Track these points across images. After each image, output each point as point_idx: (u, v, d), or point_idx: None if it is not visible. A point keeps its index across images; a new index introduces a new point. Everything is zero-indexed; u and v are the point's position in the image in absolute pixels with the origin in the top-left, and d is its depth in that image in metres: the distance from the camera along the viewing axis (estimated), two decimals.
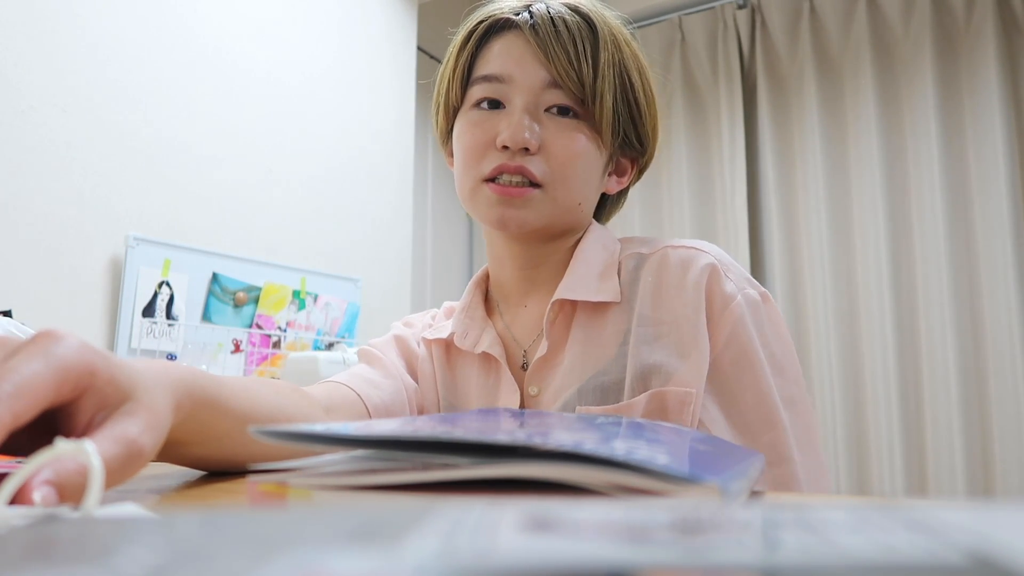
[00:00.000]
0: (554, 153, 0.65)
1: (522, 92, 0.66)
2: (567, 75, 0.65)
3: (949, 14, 2.47)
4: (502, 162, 0.65)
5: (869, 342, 2.46)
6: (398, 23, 2.51)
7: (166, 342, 1.70)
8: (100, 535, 0.16)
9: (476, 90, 0.68)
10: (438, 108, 0.74)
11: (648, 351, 0.63)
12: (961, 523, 0.15)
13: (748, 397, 0.62)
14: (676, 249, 0.67)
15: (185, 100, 1.80)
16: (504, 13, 0.68)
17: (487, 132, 0.66)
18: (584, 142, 0.66)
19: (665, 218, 2.86)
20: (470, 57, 0.70)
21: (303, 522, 0.17)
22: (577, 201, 0.68)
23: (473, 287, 0.77)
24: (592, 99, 0.66)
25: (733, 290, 0.64)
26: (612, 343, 0.65)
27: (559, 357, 0.67)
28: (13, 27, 1.47)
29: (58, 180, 1.53)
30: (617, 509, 0.17)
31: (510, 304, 0.74)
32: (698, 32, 2.85)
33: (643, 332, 0.64)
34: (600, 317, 0.67)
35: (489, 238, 0.74)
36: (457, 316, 0.75)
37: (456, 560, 0.13)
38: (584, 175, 0.67)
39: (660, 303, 0.65)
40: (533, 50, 0.66)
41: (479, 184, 0.67)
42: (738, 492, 0.30)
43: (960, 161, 2.40)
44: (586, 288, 0.67)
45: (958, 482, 2.25)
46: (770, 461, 0.60)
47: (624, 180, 0.74)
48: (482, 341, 0.71)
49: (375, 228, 2.35)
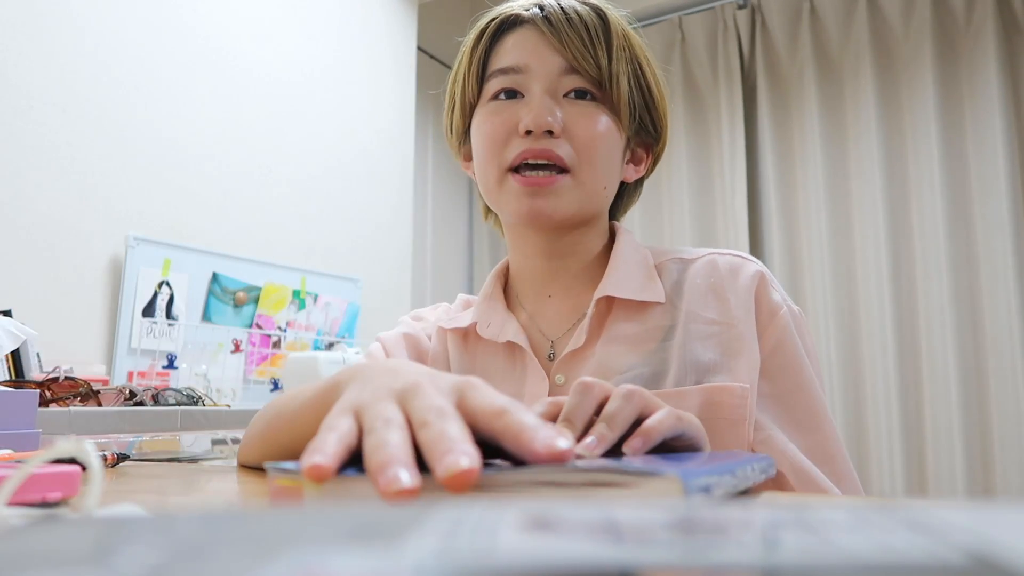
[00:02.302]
0: (577, 135, 0.66)
1: (540, 79, 0.67)
2: (583, 58, 0.66)
3: (949, 14, 2.47)
4: (526, 147, 0.65)
5: (869, 342, 2.46)
6: (398, 23, 2.51)
7: (166, 342, 1.70)
8: (100, 535, 0.16)
9: (493, 83, 0.69)
10: (453, 108, 0.75)
11: (701, 348, 0.65)
12: (961, 523, 0.15)
13: (798, 400, 0.65)
14: (723, 256, 0.70)
15: (185, 100, 1.80)
16: (515, 10, 0.70)
17: (508, 120, 0.67)
18: (606, 123, 0.67)
19: (665, 218, 2.86)
20: (484, 54, 0.71)
21: (303, 522, 0.17)
22: (603, 185, 0.69)
23: (494, 278, 0.77)
24: (609, 81, 0.67)
25: (780, 300, 0.67)
26: (651, 339, 0.67)
27: (591, 350, 0.68)
28: (13, 27, 1.47)
29: (58, 180, 1.53)
30: (617, 509, 0.17)
31: (532, 295, 0.75)
32: (698, 32, 2.85)
33: (694, 329, 0.66)
34: (638, 315, 0.68)
35: (512, 230, 0.74)
36: (479, 305, 0.76)
37: (456, 560, 0.13)
38: (608, 157, 0.68)
39: (712, 304, 0.67)
40: (547, 39, 0.67)
41: (504, 175, 0.67)
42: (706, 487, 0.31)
43: (960, 161, 2.40)
44: (631, 287, 0.68)
45: (958, 482, 2.25)
46: (818, 459, 0.63)
47: (641, 168, 0.75)
48: (506, 330, 0.72)
49: (375, 228, 2.35)
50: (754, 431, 0.63)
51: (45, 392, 1.04)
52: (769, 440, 0.62)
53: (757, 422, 0.63)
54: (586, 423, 0.41)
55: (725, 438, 0.61)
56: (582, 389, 0.43)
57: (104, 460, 0.59)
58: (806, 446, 0.63)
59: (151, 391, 1.17)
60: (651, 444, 0.41)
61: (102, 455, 0.58)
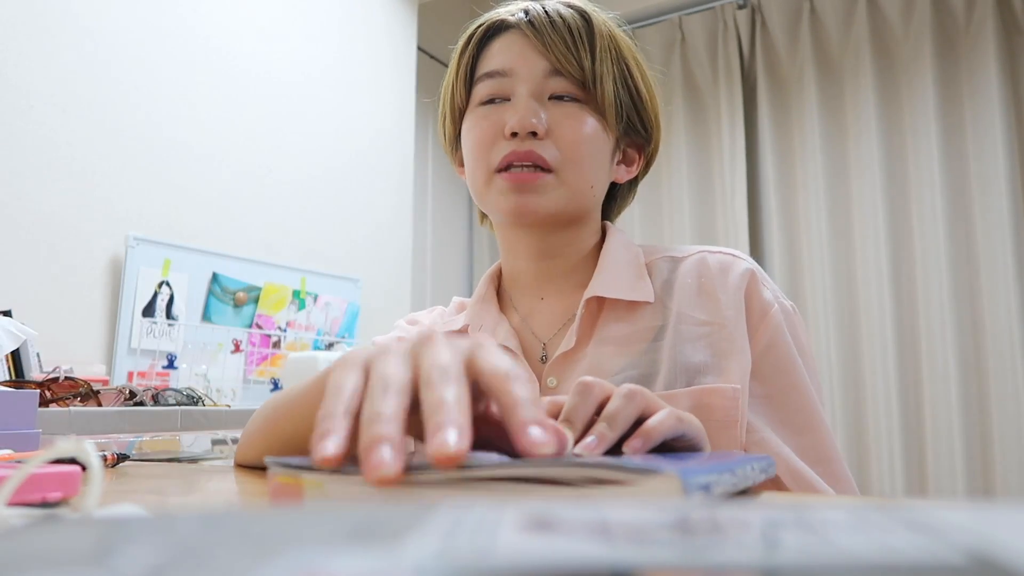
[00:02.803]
0: (562, 135, 0.67)
1: (525, 82, 0.68)
2: (567, 61, 0.67)
3: (949, 14, 2.47)
4: (512, 149, 0.66)
5: (869, 342, 2.46)
6: (398, 23, 2.51)
7: (166, 342, 1.70)
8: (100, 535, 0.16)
9: (480, 88, 0.70)
10: (444, 116, 0.76)
11: (691, 349, 0.65)
12: (961, 523, 0.15)
13: (790, 400, 0.65)
14: (713, 254, 0.70)
15: (185, 100, 1.80)
16: (501, 16, 0.71)
17: (494, 124, 0.68)
18: (591, 123, 0.68)
19: (665, 218, 2.86)
20: (471, 59, 0.72)
21: (303, 522, 0.17)
22: (589, 184, 0.69)
23: (487, 280, 0.78)
24: (593, 82, 0.67)
25: (771, 298, 0.67)
26: (641, 340, 0.67)
27: (582, 352, 0.68)
28: (13, 27, 1.47)
29: (58, 180, 1.53)
30: (617, 509, 0.17)
31: (525, 297, 0.75)
32: (698, 32, 2.85)
33: (684, 330, 0.66)
34: (629, 315, 0.68)
35: (502, 231, 0.75)
36: (471, 308, 0.76)
37: (456, 560, 0.13)
38: (593, 157, 0.69)
39: (701, 304, 0.67)
40: (532, 43, 0.68)
41: (491, 176, 0.68)
42: (705, 486, 0.31)
43: (960, 161, 2.40)
44: (619, 287, 0.68)
45: (958, 482, 2.25)
46: (812, 460, 0.63)
47: (633, 169, 0.76)
48: (497, 333, 0.72)
49: (375, 228, 2.35)
50: (747, 433, 0.62)
51: (45, 392, 1.04)
52: (763, 442, 0.62)
53: (750, 424, 0.63)
54: (587, 423, 0.42)
55: (717, 441, 0.61)
56: (583, 389, 0.43)
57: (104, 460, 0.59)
58: (800, 447, 0.63)
59: (151, 391, 1.17)
60: (651, 444, 0.41)
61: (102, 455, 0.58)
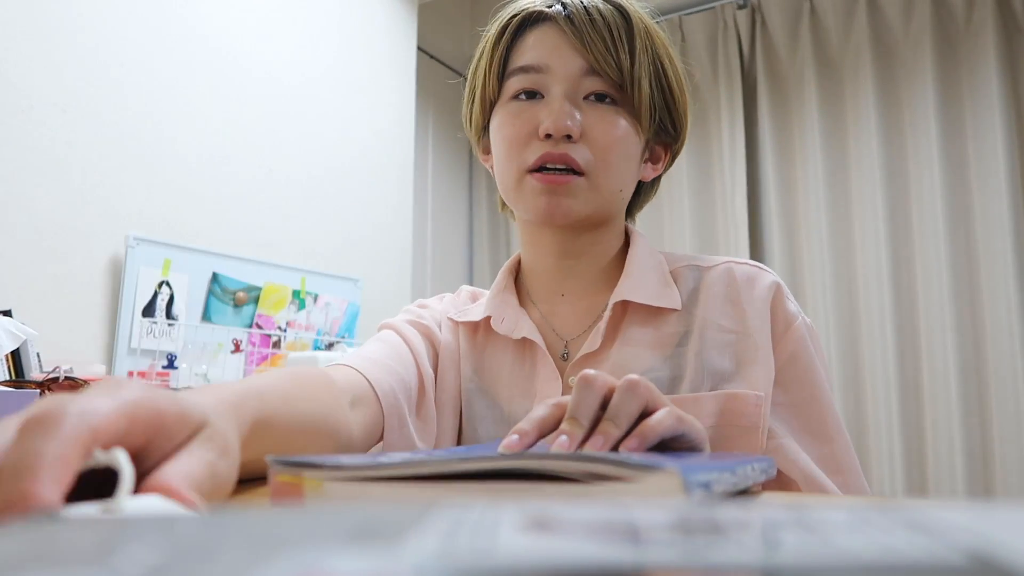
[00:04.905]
0: (595, 139, 0.66)
1: (560, 81, 0.66)
2: (605, 62, 0.66)
3: (949, 14, 2.48)
4: (546, 151, 0.65)
5: (869, 342, 2.47)
6: (398, 23, 2.51)
7: (166, 342, 1.70)
8: (100, 535, 0.16)
9: (513, 82, 0.69)
10: (472, 101, 0.75)
11: (717, 355, 0.65)
12: (961, 523, 0.15)
13: (812, 410, 0.65)
14: (740, 265, 0.70)
15: (185, 100, 1.80)
16: (537, 6, 0.69)
17: (528, 122, 0.67)
18: (624, 127, 0.67)
19: (665, 218, 2.86)
20: (505, 51, 0.70)
21: (303, 522, 0.17)
22: (618, 187, 0.69)
23: (507, 273, 0.77)
24: (630, 85, 0.66)
25: (795, 311, 0.68)
26: (665, 345, 0.67)
27: (606, 354, 0.68)
28: (13, 27, 1.47)
29: (58, 180, 1.53)
30: (617, 509, 0.17)
31: (545, 293, 0.75)
32: (698, 32, 2.86)
33: (710, 337, 0.66)
34: (653, 320, 0.68)
35: (528, 227, 0.74)
36: (491, 300, 0.75)
37: (456, 560, 0.13)
38: (624, 161, 0.68)
39: (727, 312, 0.67)
40: (569, 39, 0.67)
41: (523, 175, 0.67)
42: (706, 484, 0.31)
43: (960, 161, 2.40)
44: (647, 292, 0.68)
45: (958, 482, 2.25)
46: (832, 470, 0.63)
47: (659, 167, 0.75)
48: (520, 327, 0.72)
49: (375, 228, 2.35)
50: (767, 439, 0.63)
51: (45, 392, 1.04)
52: (781, 448, 0.63)
53: (770, 430, 0.63)
54: (592, 420, 0.42)
55: (739, 445, 0.62)
56: (584, 384, 0.43)
57: None
58: (819, 456, 0.64)
59: None
60: (648, 444, 0.41)
61: None
